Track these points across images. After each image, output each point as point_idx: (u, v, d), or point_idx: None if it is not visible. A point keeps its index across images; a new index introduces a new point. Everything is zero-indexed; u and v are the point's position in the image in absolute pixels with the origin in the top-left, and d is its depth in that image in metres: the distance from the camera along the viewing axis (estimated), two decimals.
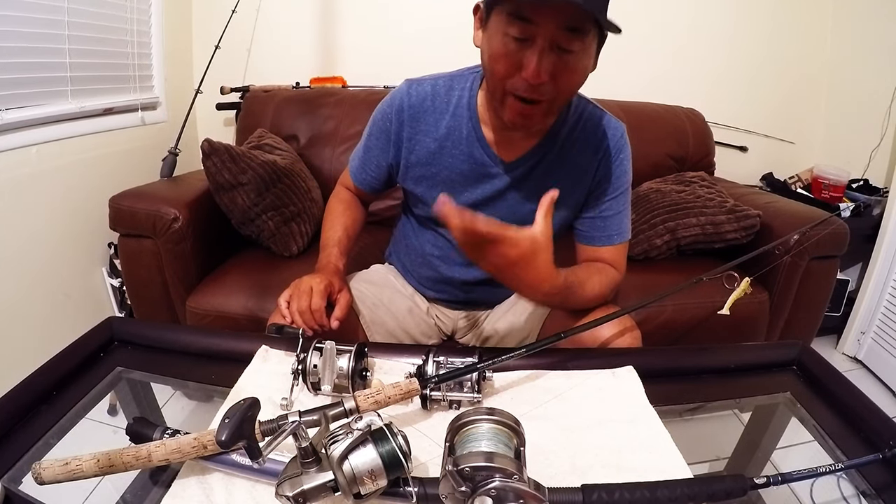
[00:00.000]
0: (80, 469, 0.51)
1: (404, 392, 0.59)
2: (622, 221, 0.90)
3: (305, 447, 0.47)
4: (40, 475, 0.50)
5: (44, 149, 1.37)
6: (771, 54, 2.17)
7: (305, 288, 0.80)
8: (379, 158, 0.93)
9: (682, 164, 1.90)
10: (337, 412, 0.55)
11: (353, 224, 0.99)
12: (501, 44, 0.69)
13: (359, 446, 0.46)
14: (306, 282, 0.81)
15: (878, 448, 0.60)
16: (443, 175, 0.88)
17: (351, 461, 0.45)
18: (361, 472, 0.45)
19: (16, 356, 1.24)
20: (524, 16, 0.65)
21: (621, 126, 0.89)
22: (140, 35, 1.71)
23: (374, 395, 0.58)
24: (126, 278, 1.39)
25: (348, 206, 1.01)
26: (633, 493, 0.49)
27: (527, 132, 0.84)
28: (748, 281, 0.79)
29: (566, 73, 0.69)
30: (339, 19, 2.03)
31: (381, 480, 0.46)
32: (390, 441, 0.46)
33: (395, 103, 0.88)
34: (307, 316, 0.78)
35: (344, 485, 0.45)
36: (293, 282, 0.82)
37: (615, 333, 0.85)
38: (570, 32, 0.65)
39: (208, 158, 1.32)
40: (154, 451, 0.52)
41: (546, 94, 0.70)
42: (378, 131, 0.91)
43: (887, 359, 1.75)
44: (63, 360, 0.70)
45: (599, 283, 0.85)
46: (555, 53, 0.67)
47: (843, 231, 1.43)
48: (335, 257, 0.91)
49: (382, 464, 0.45)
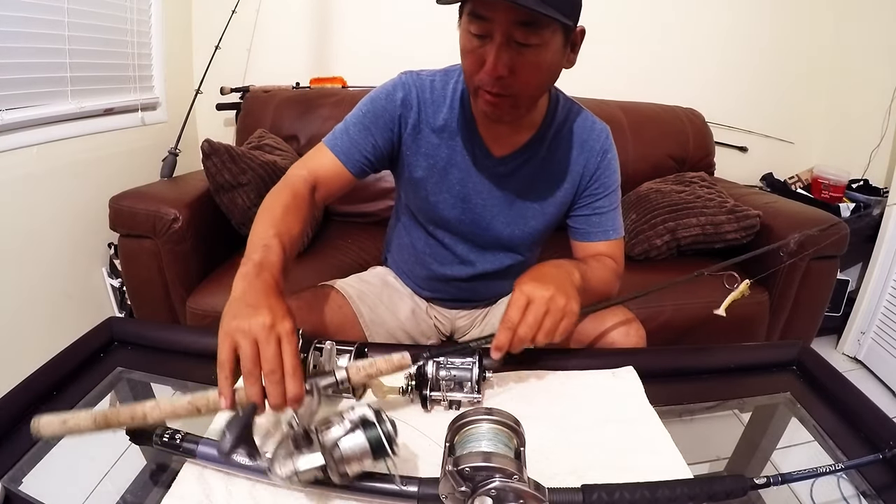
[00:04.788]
0: (77, 425, 0.51)
1: (396, 365, 0.59)
2: (615, 218, 0.92)
3: (298, 433, 0.49)
4: (39, 430, 0.51)
5: (44, 149, 1.37)
6: (771, 54, 2.18)
7: (262, 332, 0.52)
8: (377, 138, 0.86)
9: (682, 164, 1.90)
10: (328, 383, 0.56)
11: (300, 230, 0.74)
12: (467, 41, 0.73)
13: (350, 433, 0.48)
14: (257, 319, 0.52)
15: (878, 448, 0.60)
16: (439, 165, 0.89)
17: (341, 446, 0.48)
18: (350, 456, 0.48)
19: (16, 356, 1.24)
20: (480, 14, 0.68)
21: (606, 127, 0.92)
22: (140, 35, 1.71)
23: (365, 367, 0.58)
24: (126, 278, 1.39)
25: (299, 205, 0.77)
26: (633, 493, 0.49)
27: (514, 126, 0.85)
28: (748, 283, 0.78)
29: (526, 67, 0.71)
30: (339, 20, 2.03)
31: (367, 461, 0.49)
32: (376, 427, 0.48)
33: (404, 89, 0.87)
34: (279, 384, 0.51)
35: (333, 467, 0.48)
36: (226, 322, 0.53)
37: (620, 332, 0.85)
38: (524, 27, 0.67)
39: (208, 159, 1.32)
40: (149, 412, 0.52)
41: (509, 89, 0.73)
42: (381, 110, 0.86)
43: (887, 359, 1.75)
44: (63, 360, 0.70)
45: (603, 268, 0.87)
46: (513, 48, 0.69)
47: (843, 231, 1.43)
48: (276, 268, 0.62)
49: (370, 447, 0.48)
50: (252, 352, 0.51)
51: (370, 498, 0.51)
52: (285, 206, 0.74)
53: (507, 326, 0.64)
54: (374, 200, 1.75)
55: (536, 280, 0.68)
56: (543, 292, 0.65)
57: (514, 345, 0.64)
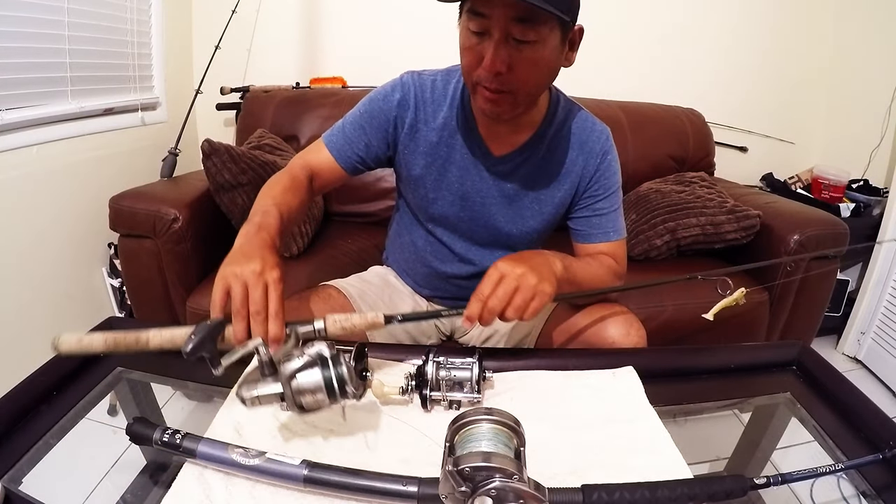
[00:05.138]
0: (91, 345, 0.59)
1: (369, 323, 0.64)
2: (617, 219, 0.92)
3: (265, 361, 0.55)
4: (58, 346, 0.58)
5: (44, 149, 1.37)
6: (771, 54, 2.18)
7: (252, 277, 0.57)
8: (371, 138, 0.88)
9: (682, 164, 1.90)
10: (306, 330, 0.61)
11: (298, 206, 0.80)
12: (466, 38, 0.74)
13: (307, 368, 0.54)
14: (249, 266, 0.58)
15: (878, 448, 0.60)
16: (438, 163, 0.90)
17: (298, 379, 0.53)
18: (304, 389, 0.53)
19: (16, 356, 1.24)
20: (478, 10, 0.69)
21: (606, 128, 0.93)
22: (140, 35, 1.71)
23: (341, 321, 0.63)
24: (126, 278, 1.39)
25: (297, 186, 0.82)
26: (633, 493, 0.49)
27: (513, 126, 0.86)
28: (743, 291, 0.76)
29: (524, 64, 0.72)
30: (339, 20, 2.03)
31: (321, 397, 0.54)
32: (330, 369, 0.53)
33: (402, 90, 0.88)
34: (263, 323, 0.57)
35: (290, 396, 0.53)
36: (223, 268, 0.59)
37: (620, 332, 0.85)
38: (522, 24, 0.68)
39: (208, 159, 1.32)
40: (152, 338, 0.58)
41: (507, 85, 0.73)
42: (377, 111, 0.88)
43: (887, 359, 1.75)
44: (63, 360, 0.70)
45: (598, 266, 0.87)
46: (511, 45, 0.70)
47: (842, 231, 1.43)
48: (274, 229, 0.69)
49: (324, 385, 0.53)
50: (241, 293, 0.57)
51: (370, 498, 0.51)
52: (284, 186, 0.79)
53: (478, 298, 0.66)
54: (374, 200, 1.75)
55: (513, 260, 0.69)
56: (516, 270, 0.67)
57: (483, 317, 0.66)
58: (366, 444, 0.60)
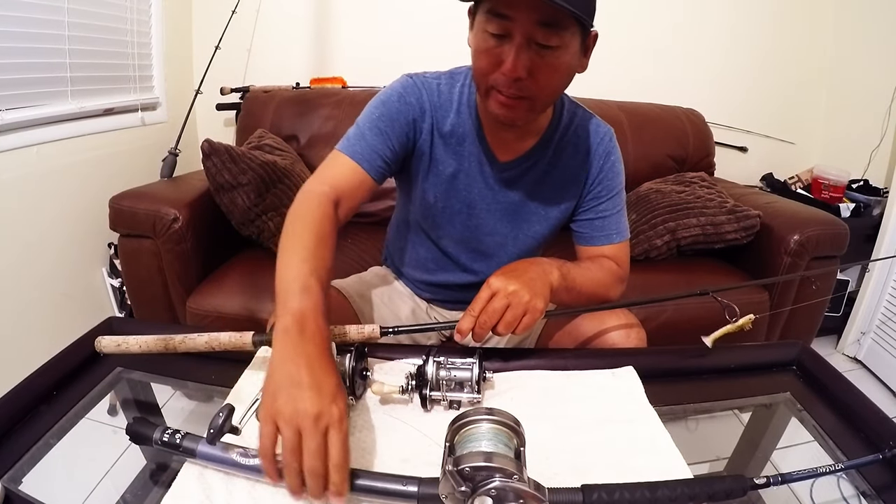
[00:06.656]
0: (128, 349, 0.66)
1: (366, 337, 0.68)
2: (620, 221, 0.91)
3: None
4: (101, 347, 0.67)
5: (44, 149, 1.38)
6: (771, 54, 2.18)
7: (307, 422, 0.46)
8: (394, 142, 0.82)
9: (682, 164, 1.91)
10: None
11: (332, 258, 0.67)
12: (483, 40, 0.70)
13: None
14: (303, 404, 0.46)
15: (878, 448, 0.60)
16: (448, 172, 0.88)
17: None
18: None
19: (16, 356, 1.24)
20: (501, 12, 0.66)
21: (610, 129, 0.91)
22: (140, 35, 1.71)
23: (339, 335, 0.67)
24: (126, 278, 1.39)
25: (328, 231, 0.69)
26: (633, 493, 0.49)
27: (520, 132, 0.84)
28: (751, 318, 0.74)
29: (545, 70, 0.70)
30: (339, 20, 2.03)
31: None
32: None
33: (413, 93, 0.84)
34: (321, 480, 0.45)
35: None
36: (267, 398, 0.48)
37: (620, 334, 0.85)
38: (545, 28, 0.66)
39: (208, 159, 1.32)
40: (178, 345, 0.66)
41: (526, 91, 0.71)
42: (395, 113, 0.83)
43: (887, 359, 1.75)
44: (63, 360, 0.70)
45: (599, 269, 0.86)
46: (533, 49, 0.68)
47: (843, 231, 1.43)
48: (322, 321, 0.55)
49: None
50: (294, 441, 0.45)
51: (370, 498, 0.51)
52: (316, 234, 0.66)
53: (470, 314, 0.67)
54: (374, 200, 1.75)
55: (506, 274, 0.69)
56: (508, 286, 0.67)
57: (475, 332, 0.67)
58: (366, 443, 0.60)
